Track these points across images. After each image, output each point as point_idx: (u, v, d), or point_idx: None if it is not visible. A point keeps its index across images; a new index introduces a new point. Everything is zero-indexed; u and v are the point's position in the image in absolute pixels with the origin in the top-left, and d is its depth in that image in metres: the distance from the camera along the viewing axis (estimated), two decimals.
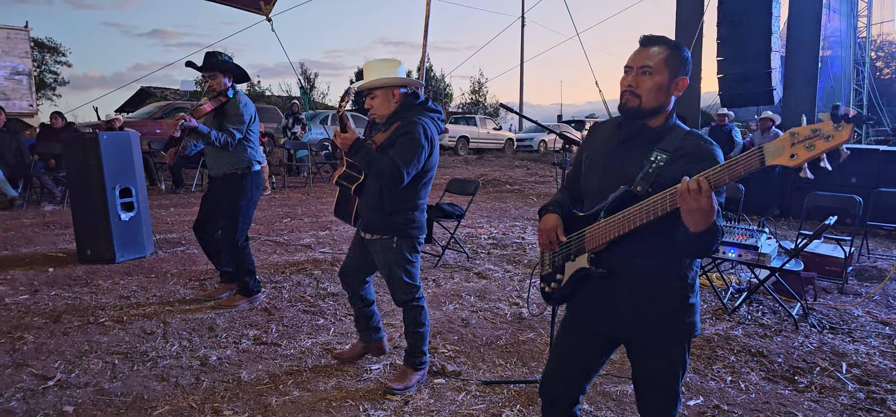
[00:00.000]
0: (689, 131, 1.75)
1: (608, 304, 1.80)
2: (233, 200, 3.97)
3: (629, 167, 1.74)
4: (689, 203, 1.49)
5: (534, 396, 2.87)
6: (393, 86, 2.75)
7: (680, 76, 1.73)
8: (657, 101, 1.72)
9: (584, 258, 1.81)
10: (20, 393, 2.77)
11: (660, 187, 1.62)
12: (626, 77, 1.75)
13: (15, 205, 8.57)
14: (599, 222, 1.75)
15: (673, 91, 1.73)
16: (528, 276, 5.10)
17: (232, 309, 4.05)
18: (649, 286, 1.75)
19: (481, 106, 36.63)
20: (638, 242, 1.71)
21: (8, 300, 4.18)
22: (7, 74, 14.24)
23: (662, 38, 1.75)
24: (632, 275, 1.75)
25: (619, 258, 1.75)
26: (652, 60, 1.71)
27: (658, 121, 1.76)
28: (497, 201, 10.26)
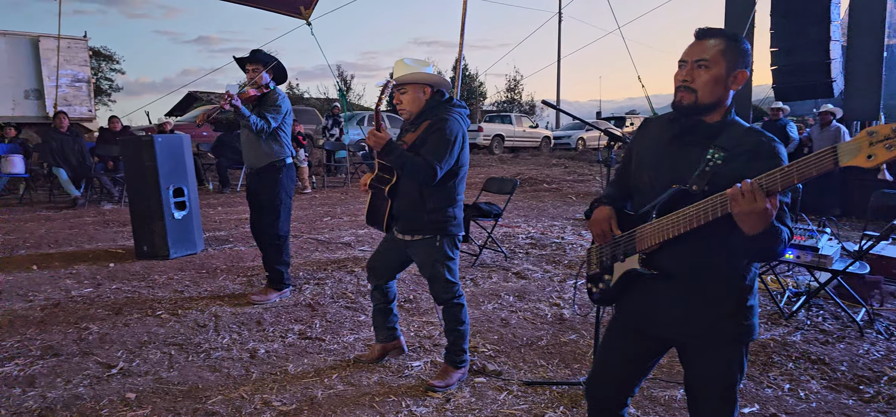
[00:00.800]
0: (750, 127, 1.67)
1: (660, 306, 1.76)
2: (270, 194, 4.19)
3: (683, 165, 1.68)
4: (740, 205, 1.43)
5: (577, 398, 2.88)
6: (424, 84, 2.81)
7: (739, 69, 1.66)
8: (714, 96, 1.65)
9: (635, 259, 1.76)
10: (87, 380, 2.97)
11: (717, 186, 1.54)
12: (681, 71, 1.69)
13: (77, 204, 9.05)
14: (651, 222, 1.70)
15: (731, 85, 1.66)
16: (568, 277, 5.11)
17: (262, 303, 4.21)
18: (704, 287, 1.68)
19: (517, 104, 36.35)
20: (693, 242, 1.64)
21: (74, 292, 4.45)
22: (68, 82, 14.96)
23: (719, 31, 1.69)
24: (686, 276, 1.70)
25: (673, 259, 1.70)
26: (708, 53, 1.65)
27: (715, 117, 1.69)
28: (534, 200, 10.23)
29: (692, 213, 1.57)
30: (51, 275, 4.94)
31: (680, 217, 1.60)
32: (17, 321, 3.81)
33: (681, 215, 1.60)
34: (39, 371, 3.06)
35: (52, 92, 14.23)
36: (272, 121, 4.09)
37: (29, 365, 3.12)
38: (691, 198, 1.60)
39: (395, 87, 2.84)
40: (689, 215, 1.58)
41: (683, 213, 1.59)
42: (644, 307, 1.80)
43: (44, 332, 3.61)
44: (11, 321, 3.81)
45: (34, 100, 14.73)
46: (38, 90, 14.75)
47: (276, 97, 4.20)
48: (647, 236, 1.71)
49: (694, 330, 1.72)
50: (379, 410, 2.73)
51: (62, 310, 4.03)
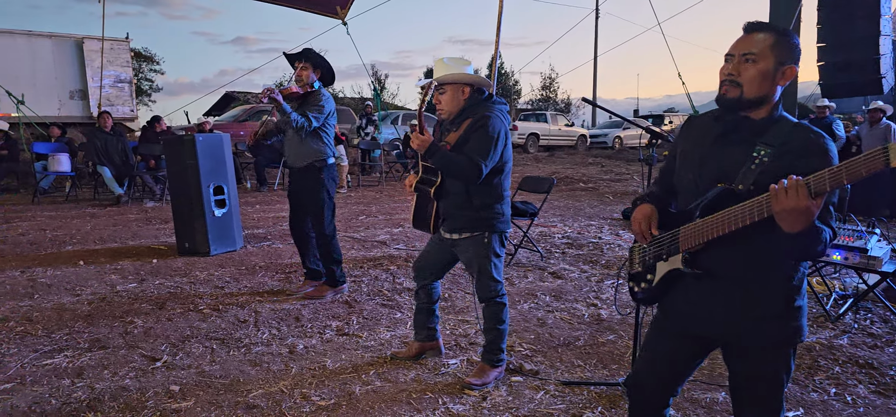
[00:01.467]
0: (798, 123, 1.61)
1: (704, 306, 1.72)
2: (313, 194, 4.22)
3: (728, 163, 1.64)
4: (782, 202, 1.39)
5: (616, 399, 2.83)
6: (464, 83, 2.81)
7: (787, 64, 1.61)
8: (760, 91, 1.60)
9: (678, 258, 1.73)
10: (133, 372, 3.05)
11: (763, 185, 1.49)
12: (727, 65, 1.65)
13: (121, 201, 9.32)
14: (696, 221, 1.66)
15: (779, 80, 1.61)
16: (606, 277, 5.04)
17: (318, 300, 4.27)
18: (750, 287, 1.64)
19: (552, 102, 36.10)
20: (738, 242, 1.60)
21: (119, 288, 4.58)
22: (111, 82, 15.45)
23: (769, 24, 1.64)
24: (731, 276, 1.66)
25: (718, 258, 1.66)
26: (756, 47, 1.60)
27: (762, 113, 1.64)
28: (570, 200, 10.13)
29: (738, 213, 1.53)
30: (97, 270, 5.10)
31: (725, 216, 1.56)
32: (66, 314, 3.93)
33: (726, 214, 1.56)
34: (87, 362, 3.16)
35: (95, 92, 14.73)
36: (314, 121, 4.09)
37: (77, 357, 3.22)
38: (737, 198, 1.56)
39: (436, 88, 2.84)
40: (735, 214, 1.54)
41: (729, 213, 1.55)
42: (688, 307, 1.76)
43: (91, 325, 3.72)
44: (60, 314, 3.93)
45: (79, 100, 15.25)
46: (82, 90, 15.27)
47: (319, 97, 4.21)
48: (690, 235, 1.68)
49: (739, 331, 1.68)
50: (416, 407, 2.73)
51: (108, 304, 4.15)
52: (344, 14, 9.28)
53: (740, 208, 1.52)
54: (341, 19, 9.20)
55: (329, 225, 4.28)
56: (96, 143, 9.39)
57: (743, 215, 1.52)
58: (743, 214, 1.52)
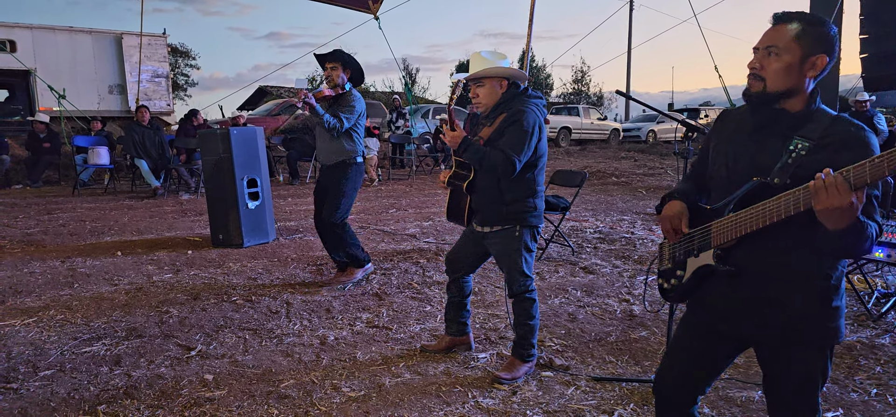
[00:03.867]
0: (837, 116, 1.56)
1: (737, 304, 1.67)
2: (337, 183, 4.31)
3: (763, 156, 1.60)
4: (823, 200, 1.34)
5: (648, 396, 2.78)
6: (501, 77, 2.79)
7: (816, 55, 1.54)
8: (784, 85, 1.56)
9: (710, 254, 1.68)
10: (168, 361, 3.11)
11: (800, 179, 1.45)
12: (753, 58, 1.61)
13: (157, 194, 9.54)
14: (728, 216, 1.62)
15: (807, 72, 1.56)
16: (638, 272, 4.95)
17: (348, 282, 4.35)
18: (785, 285, 1.59)
19: (584, 95, 35.73)
20: (772, 238, 1.56)
21: (155, 278, 4.69)
22: (148, 77, 15.84)
23: (799, 14, 1.58)
24: (765, 274, 1.61)
25: (751, 255, 1.61)
26: (781, 40, 1.56)
27: (797, 105, 1.59)
28: (602, 194, 10.00)
29: (772, 207, 1.48)
30: (134, 261, 5.22)
31: (759, 211, 1.51)
32: (104, 303, 4.04)
33: (760, 209, 1.51)
34: (124, 351, 3.23)
35: (134, 87, 15.10)
36: (345, 121, 4.21)
37: (115, 345, 3.30)
38: (772, 192, 1.51)
39: (471, 81, 2.83)
40: (769, 209, 1.49)
41: (763, 207, 1.50)
42: (719, 304, 1.72)
43: (128, 315, 3.80)
44: (99, 303, 4.04)
45: (118, 95, 15.67)
46: (121, 85, 15.68)
47: (351, 98, 4.30)
48: (723, 231, 1.63)
49: (773, 331, 1.63)
50: (445, 400, 2.72)
51: (144, 294, 4.25)
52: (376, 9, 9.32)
53: (775, 202, 1.48)
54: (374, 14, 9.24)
55: (341, 215, 4.35)
56: (134, 137, 9.62)
57: (778, 209, 1.47)
58: (778, 208, 1.47)
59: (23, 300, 4.11)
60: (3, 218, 7.44)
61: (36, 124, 11.50)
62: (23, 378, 2.90)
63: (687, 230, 1.76)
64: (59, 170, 12.03)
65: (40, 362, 3.08)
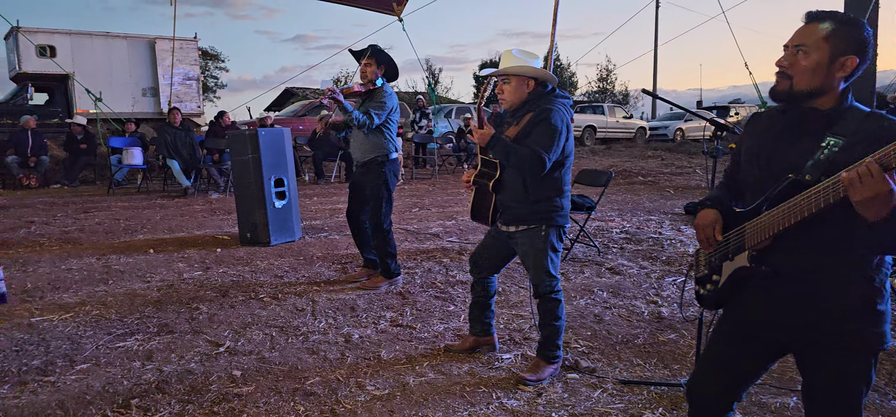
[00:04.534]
0: (871, 112, 1.53)
1: (774, 307, 1.63)
2: (374, 187, 4.28)
3: (795, 155, 1.56)
4: (860, 191, 1.30)
5: (678, 400, 2.74)
6: (530, 76, 2.78)
7: (846, 55, 1.52)
8: (811, 84, 1.54)
9: (744, 256, 1.65)
10: (197, 357, 3.17)
11: (833, 175, 1.42)
12: (781, 56, 1.60)
13: (188, 193, 9.74)
14: (762, 216, 1.59)
15: (836, 72, 1.53)
16: (666, 273, 4.88)
17: (373, 290, 4.32)
18: (823, 288, 1.55)
19: (609, 93, 35.38)
20: (809, 237, 1.52)
21: (186, 275, 4.78)
22: (180, 80, 16.19)
23: (831, 13, 1.55)
24: (802, 275, 1.57)
25: (787, 255, 1.58)
26: (810, 39, 1.54)
27: (828, 103, 1.57)
28: (629, 193, 9.87)
29: (802, 203, 1.46)
30: (165, 258, 5.33)
31: (789, 207, 1.49)
32: (137, 299, 4.13)
33: (790, 205, 1.49)
34: (156, 346, 3.30)
35: (166, 90, 15.47)
36: (375, 118, 4.15)
37: (147, 341, 3.38)
38: (805, 189, 1.47)
39: (499, 78, 2.83)
40: (800, 205, 1.46)
41: (793, 203, 1.48)
42: (757, 308, 1.68)
43: (159, 311, 3.89)
44: (132, 299, 4.14)
45: (151, 97, 16.06)
46: (154, 88, 16.07)
47: (382, 94, 4.25)
48: (757, 231, 1.60)
49: (812, 336, 1.58)
50: (470, 400, 2.72)
51: (175, 291, 4.34)
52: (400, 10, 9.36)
53: (805, 196, 1.45)
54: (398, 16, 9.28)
55: (386, 219, 4.33)
56: (166, 138, 9.84)
57: (808, 204, 1.44)
58: (808, 203, 1.44)
59: (60, 295, 4.23)
60: (43, 217, 7.68)
61: (73, 126, 11.85)
62: (60, 371, 3.00)
63: (720, 237, 1.73)
64: (95, 170, 12.37)
65: (76, 356, 3.18)
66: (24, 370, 3.00)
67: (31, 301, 4.11)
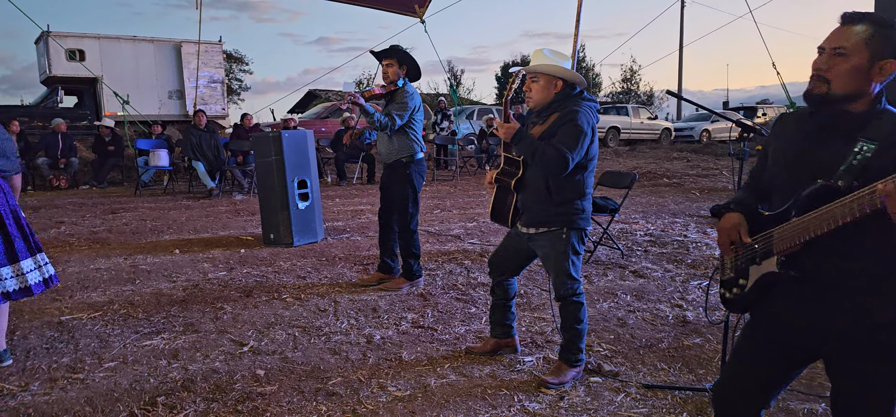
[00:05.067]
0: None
1: (805, 313, 1.61)
2: (400, 188, 4.30)
3: (826, 158, 1.54)
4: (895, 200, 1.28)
5: (703, 405, 2.69)
6: (559, 77, 2.76)
7: (885, 59, 1.49)
8: (850, 88, 1.52)
9: (773, 261, 1.63)
10: (222, 356, 3.21)
11: (866, 181, 1.41)
12: (818, 59, 1.56)
13: (212, 194, 9.88)
14: (791, 221, 1.56)
15: (874, 76, 1.51)
16: (691, 277, 4.80)
17: (394, 292, 4.33)
18: (855, 293, 1.53)
19: (633, 94, 35.07)
20: (841, 242, 1.50)
21: (210, 275, 4.85)
22: (205, 83, 16.45)
23: (867, 15, 1.53)
24: (834, 281, 1.55)
25: (818, 261, 1.55)
26: (848, 41, 1.51)
27: (861, 106, 1.54)
28: (653, 196, 9.75)
29: (837, 211, 1.43)
30: (191, 259, 5.42)
31: (824, 214, 1.46)
32: (163, 299, 4.20)
33: (825, 212, 1.46)
34: (182, 345, 3.35)
35: (191, 92, 15.72)
36: (397, 119, 4.16)
37: (173, 340, 3.43)
38: (837, 194, 1.45)
39: (528, 76, 2.81)
40: (834, 212, 1.44)
41: (828, 211, 1.45)
42: (785, 313, 1.65)
43: (185, 310, 3.95)
44: (158, 299, 4.21)
45: (176, 100, 16.36)
46: (179, 91, 16.35)
47: (404, 94, 4.24)
48: (786, 236, 1.57)
49: (843, 341, 1.55)
50: (491, 403, 2.71)
51: (200, 291, 4.40)
52: (422, 12, 9.37)
53: (841, 204, 1.43)
54: (420, 18, 9.29)
55: (413, 220, 4.34)
56: (192, 140, 10.00)
57: (843, 212, 1.42)
58: (843, 212, 1.42)
59: (89, 295, 4.32)
60: (72, 217, 7.87)
61: (102, 128, 12.11)
62: (89, 368, 3.06)
63: (748, 239, 1.71)
64: (123, 171, 12.63)
65: (105, 354, 3.24)
66: (54, 367, 3.07)
67: (61, 299, 4.20)
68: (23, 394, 2.77)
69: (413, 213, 4.33)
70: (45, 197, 10.16)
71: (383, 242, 4.62)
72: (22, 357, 3.19)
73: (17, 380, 2.91)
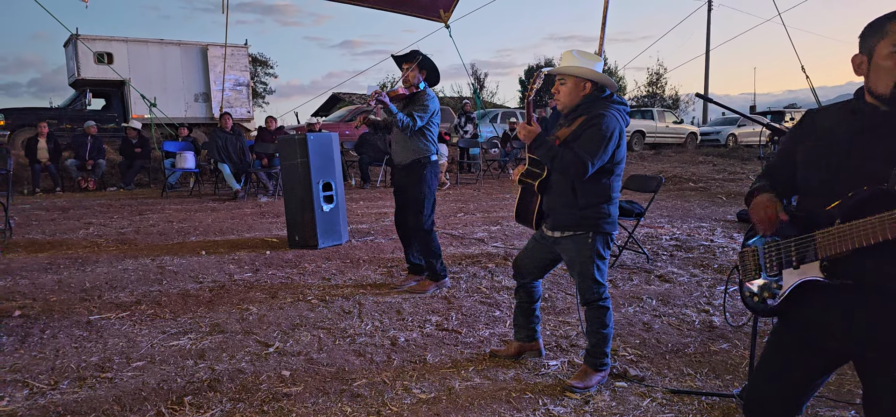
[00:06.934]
0: None
1: (845, 317, 1.58)
2: (415, 189, 4.33)
3: (875, 162, 1.49)
4: None
5: (729, 411, 2.65)
6: (587, 79, 2.73)
7: None
8: None
9: (815, 266, 1.59)
10: (248, 356, 3.24)
11: None
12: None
13: (238, 196, 10.00)
14: (838, 226, 1.52)
15: None
16: (718, 282, 4.72)
17: (421, 294, 4.35)
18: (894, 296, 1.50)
19: (659, 98, 34.74)
20: (886, 248, 1.45)
21: (236, 277, 4.91)
22: (231, 86, 16.67)
23: None
24: (878, 285, 1.51)
25: (866, 266, 1.51)
26: None
27: None
28: (679, 200, 9.63)
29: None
30: (217, 260, 5.49)
31: (885, 221, 1.40)
32: (190, 300, 4.26)
33: (886, 219, 1.39)
34: (208, 345, 3.40)
35: (217, 95, 15.92)
36: (418, 120, 4.23)
37: (199, 340, 3.47)
38: (890, 200, 1.41)
39: (556, 77, 2.80)
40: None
41: (891, 218, 1.39)
42: (819, 317, 1.62)
43: (211, 311, 4.00)
44: (185, 299, 4.27)
45: (202, 102, 16.58)
46: (205, 93, 16.58)
47: (425, 97, 4.34)
48: (833, 241, 1.52)
49: (884, 345, 1.53)
50: (516, 406, 2.69)
51: (226, 292, 4.46)
52: (447, 17, 9.35)
53: None
54: (444, 22, 9.28)
55: (428, 220, 4.37)
56: (217, 142, 10.13)
57: None
58: None
59: (117, 295, 4.40)
60: (100, 219, 8.03)
61: (129, 131, 12.37)
62: (117, 368, 3.11)
63: (785, 217, 1.66)
64: (150, 173, 12.87)
65: (133, 353, 3.29)
66: (82, 366, 3.13)
67: (89, 299, 4.28)
68: (52, 393, 2.82)
69: (428, 213, 4.36)
70: (74, 198, 10.39)
71: (406, 245, 4.64)
72: (51, 355, 3.26)
73: (47, 379, 2.97)
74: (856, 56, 1.59)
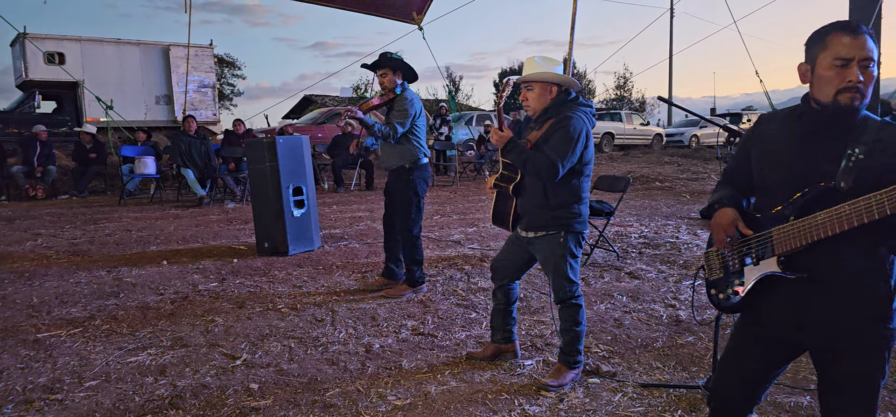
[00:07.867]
0: (883, 121, 1.59)
1: (801, 310, 1.66)
2: (403, 193, 4.27)
3: (822, 161, 1.58)
4: None
5: (696, 402, 2.71)
6: (552, 83, 2.79)
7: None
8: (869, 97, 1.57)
9: (773, 261, 1.67)
10: (213, 370, 3.12)
11: (863, 181, 1.48)
12: (847, 71, 1.53)
13: (203, 203, 9.73)
14: (792, 222, 1.60)
15: None
16: (684, 277, 4.81)
17: (396, 299, 4.29)
18: (853, 290, 1.59)
19: (626, 101, 35.53)
20: (844, 243, 1.54)
21: (201, 287, 4.75)
22: (195, 87, 16.26)
23: (863, 26, 1.58)
24: (834, 279, 1.60)
25: (818, 260, 1.60)
26: (874, 52, 1.54)
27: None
28: (646, 199, 9.80)
29: (848, 212, 1.48)
30: (180, 270, 5.30)
31: (833, 216, 1.50)
32: (150, 313, 4.07)
33: (834, 214, 1.50)
34: (170, 360, 3.25)
35: (180, 97, 15.47)
36: (399, 128, 4.14)
37: (160, 355, 3.32)
38: (840, 196, 1.51)
39: (523, 84, 2.84)
40: (844, 214, 1.48)
41: (837, 212, 1.49)
42: (780, 310, 1.71)
43: (173, 324, 3.84)
44: (144, 313, 4.07)
45: (164, 105, 16.10)
46: (167, 96, 16.10)
47: (404, 101, 4.21)
48: (788, 237, 1.62)
49: (836, 335, 1.63)
50: (492, 408, 2.68)
51: (190, 303, 4.30)
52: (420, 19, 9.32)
53: (851, 207, 1.47)
54: (418, 24, 9.25)
55: (415, 226, 4.31)
56: (180, 146, 9.82)
57: (854, 214, 1.47)
58: (854, 213, 1.47)
59: (68, 310, 4.14)
60: (50, 229, 7.60)
61: (82, 135, 11.75)
62: (68, 388, 2.91)
63: (748, 232, 1.73)
64: (105, 179, 12.33)
65: (86, 372, 3.09)
66: (29, 388, 2.91)
67: (37, 316, 4.01)
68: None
69: (416, 219, 4.30)
70: (21, 207, 9.79)
71: (389, 248, 4.58)
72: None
73: None
74: (801, 64, 1.67)
